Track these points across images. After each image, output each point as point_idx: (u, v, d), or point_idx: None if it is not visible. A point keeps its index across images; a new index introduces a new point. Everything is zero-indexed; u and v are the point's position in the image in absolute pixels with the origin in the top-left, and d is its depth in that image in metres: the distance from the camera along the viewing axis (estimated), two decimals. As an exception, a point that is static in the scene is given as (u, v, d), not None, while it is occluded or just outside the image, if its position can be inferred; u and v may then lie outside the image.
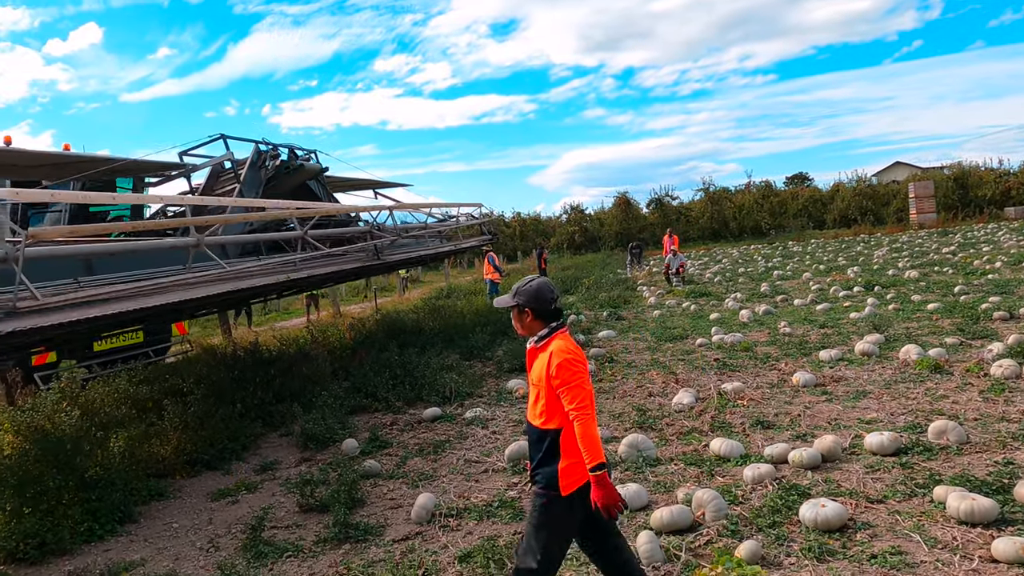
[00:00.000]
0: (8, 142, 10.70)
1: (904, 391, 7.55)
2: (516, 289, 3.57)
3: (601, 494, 3.21)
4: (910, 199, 40.46)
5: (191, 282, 7.12)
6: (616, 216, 49.26)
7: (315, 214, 9.97)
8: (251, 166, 10.76)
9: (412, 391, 9.35)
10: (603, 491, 3.21)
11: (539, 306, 3.50)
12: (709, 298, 17.23)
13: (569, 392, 3.27)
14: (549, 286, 3.58)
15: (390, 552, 4.98)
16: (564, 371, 3.29)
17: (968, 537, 4.33)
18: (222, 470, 7.29)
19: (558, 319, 3.55)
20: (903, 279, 16.67)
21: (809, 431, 6.57)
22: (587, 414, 3.24)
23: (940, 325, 10.79)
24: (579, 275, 25.84)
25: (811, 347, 10.16)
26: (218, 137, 11.14)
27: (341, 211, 12.23)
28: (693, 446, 6.52)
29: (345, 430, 8.07)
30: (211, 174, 11.13)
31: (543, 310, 3.51)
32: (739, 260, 28.78)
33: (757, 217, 46.86)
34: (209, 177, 11.15)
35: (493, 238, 18.77)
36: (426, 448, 7.27)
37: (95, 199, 8.86)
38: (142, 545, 5.61)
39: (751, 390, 8.16)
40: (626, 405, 8.10)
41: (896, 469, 5.49)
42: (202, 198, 9.61)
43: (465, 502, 5.71)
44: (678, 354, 10.74)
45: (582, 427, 3.22)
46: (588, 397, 3.28)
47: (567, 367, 3.30)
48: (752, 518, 4.87)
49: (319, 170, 12.69)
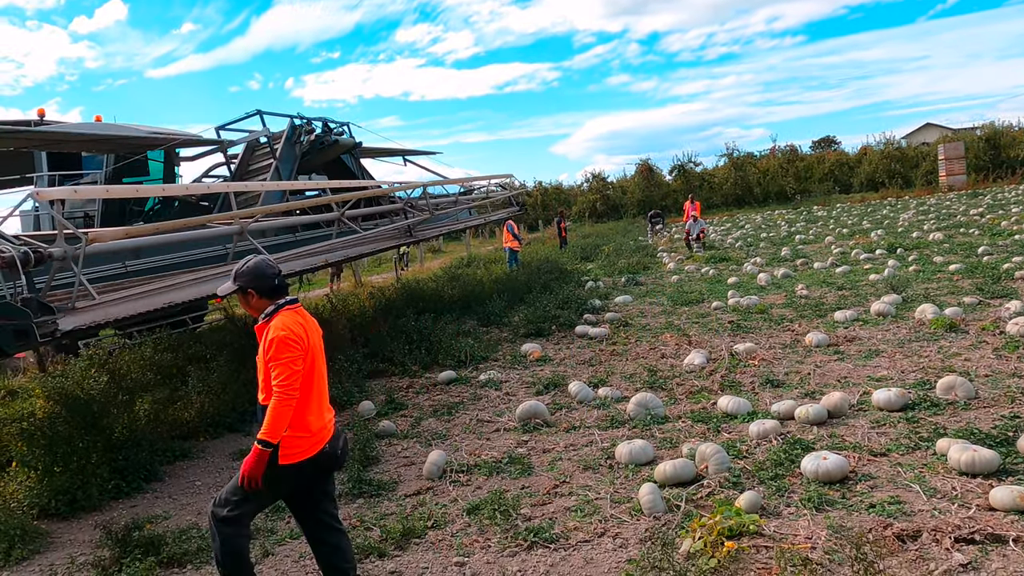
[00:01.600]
0: (42, 115, 11.07)
1: (917, 350, 7.54)
2: (235, 272, 3.59)
3: (252, 464, 3.30)
4: (939, 161, 39.53)
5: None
6: (638, 184, 48.77)
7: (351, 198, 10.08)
8: (287, 141, 10.94)
9: (428, 355, 9.51)
10: (255, 463, 3.30)
11: (260, 284, 3.52)
12: (728, 263, 17.15)
13: (277, 367, 3.32)
14: (267, 262, 3.60)
15: (401, 505, 5.15)
16: (275, 347, 3.34)
17: (968, 487, 4.37)
18: (243, 432, 7.52)
19: (283, 295, 3.57)
20: (927, 241, 16.43)
21: (818, 389, 6.60)
22: (287, 393, 3.28)
23: (960, 285, 10.68)
24: (599, 243, 25.78)
25: (827, 308, 10.12)
26: (255, 113, 11.41)
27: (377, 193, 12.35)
28: (702, 404, 6.59)
29: (362, 393, 8.26)
30: (247, 148, 11.34)
31: (264, 287, 3.52)
32: (762, 226, 28.48)
33: (782, 182, 46.14)
34: (245, 151, 11.36)
35: (521, 209, 18.86)
36: (440, 409, 7.43)
37: (172, 191, 9.19)
38: (167, 501, 5.85)
39: (763, 351, 8.19)
40: (638, 366, 8.18)
41: (902, 424, 5.52)
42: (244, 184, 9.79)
43: (476, 459, 5.85)
44: (693, 317, 10.77)
45: (277, 403, 3.27)
46: (293, 376, 3.31)
47: (278, 344, 3.34)
48: (755, 471, 4.95)
49: (353, 144, 12.91)
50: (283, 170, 10.69)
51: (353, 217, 10.10)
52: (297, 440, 3.40)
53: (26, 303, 4.70)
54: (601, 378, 7.88)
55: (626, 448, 5.44)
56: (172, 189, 9.84)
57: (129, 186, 10.00)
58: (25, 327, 4.65)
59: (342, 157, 12.87)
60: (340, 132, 12.50)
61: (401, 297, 14.38)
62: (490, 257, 25.81)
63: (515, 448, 6.03)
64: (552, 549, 4.26)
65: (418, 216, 11.74)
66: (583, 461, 5.54)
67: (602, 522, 4.52)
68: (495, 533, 4.52)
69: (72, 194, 7.11)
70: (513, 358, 9.32)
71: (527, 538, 4.36)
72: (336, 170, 13.34)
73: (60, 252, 5.03)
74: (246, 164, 11.25)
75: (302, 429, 3.41)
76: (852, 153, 48.90)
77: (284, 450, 3.36)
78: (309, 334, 3.49)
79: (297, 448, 3.40)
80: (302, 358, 3.38)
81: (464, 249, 34.07)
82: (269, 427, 3.27)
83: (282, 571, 4.40)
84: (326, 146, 12.06)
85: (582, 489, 5.05)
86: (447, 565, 4.21)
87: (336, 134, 12.30)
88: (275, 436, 3.28)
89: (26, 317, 4.64)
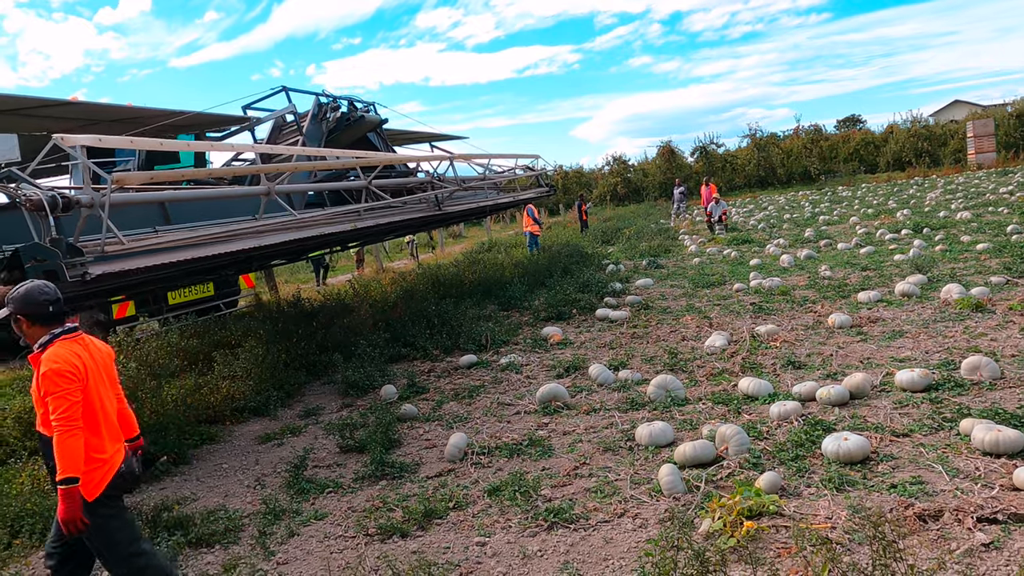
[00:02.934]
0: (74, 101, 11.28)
1: (942, 330, 7.45)
2: (7, 298, 3.38)
3: (63, 508, 3.17)
4: (968, 139, 38.73)
5: (261, 230, 7.29)
6: (660, 166, 48.38)
7: (378, 163, 10.07)
8: (312, 118, 10.96)
9: (449, 340, 9.57)
10: (66, 505, 3.17)
11: (32, 310, 3.34)
12: (751, 245, 17.00)
13: (53, 402, 3.20)
14: (41, 288, 3.40)
15: (423, 487, 5.22)
16: (47, 382, 3.22)
17: (991, 467, 4.34)
18: (268, 416, 7.63)
19: (59, 323, 3.40)
20: (954, 220, 16.16)
21: (840, 370, 6.55)
22: (68, 425, 3.17)
23: (987, 264, 10.51)
24: (620, 226, 25.66)
25: (851, 289, 10.02)
26: (280, 89, 11.34)
27: (403, 160, 12.33)
28: (722, 386, 6.58)
29: (384, 377, 8.34)
30: (273, 127, 11.41)
31: (38, 314, 3.35)
32: (785, 207, 28.16)
33: (806, 162, 45.51)
34: (272, 130, 11.43)
35: (551, 191, 18.85)
36: (461, 393, 7.48)
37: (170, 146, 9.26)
38: (194, 484, 5.97)
39: (785, 332, 8.14)
40: (658, 349, 8.17)
41: (925, 404, 5.48)
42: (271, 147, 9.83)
43: (496, 441, 5.90)
44: (714, 299, 10.71)
45: (60, 438, 3.16)
46: (72, 408, 3.20)
47: (49, 378, 3.21)
48: (775, 452, 4.94)
49: (379, 122, 12.86)
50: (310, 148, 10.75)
51: (382, 188, 10.11)
52: (93, 471, 3.33)
53: (55, 243, 4.62)
54: (621, 361, 7.89)
55: (646, 430, 5.45)
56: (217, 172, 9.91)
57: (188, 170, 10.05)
58: (54, 267, 4.57)
59: (368, 136, 12.89)
60: (366, 110, 12.47)
61: (422, 282, 14.45)
62: (511, 241, 25.81)
63: (535, 430, 6.07)
64: (572, 529, 4.30)
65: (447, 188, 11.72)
66: (603, 443, 5.57)
67: (622, 503, 4.55)
68: (515, 514, 4.57)
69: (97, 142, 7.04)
70: (534, 342, 9.35)
71: (547, 518, 4.41)
72: (363, 148, 13.35)
73: (87, 198, 4.93)
74: (273, 142, 11.30)
75: (94, 460, 3.33)
76: (878, 132, 48.06)
77: (84, 488, 3.26)
78: (87, 364, 3.37)
79: (95, 478, 3.33)
80: (79, 388, 3.27)
81: (485, 234, 34.08)
82: (64, 464, 3.15)
83: (307, 551, 4.49)
84: (352, 124, 12.03)
85: (602, 470, 5.08)
86: (468, 545, 4.27)
87: (362, 111, 12.32)
88: (75, 470, 3.18)
89: (55, 257, 4.57)
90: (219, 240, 6.57)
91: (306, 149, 9.64)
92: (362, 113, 12.20)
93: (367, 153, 10.82)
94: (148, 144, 8.74)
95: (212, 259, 6.29)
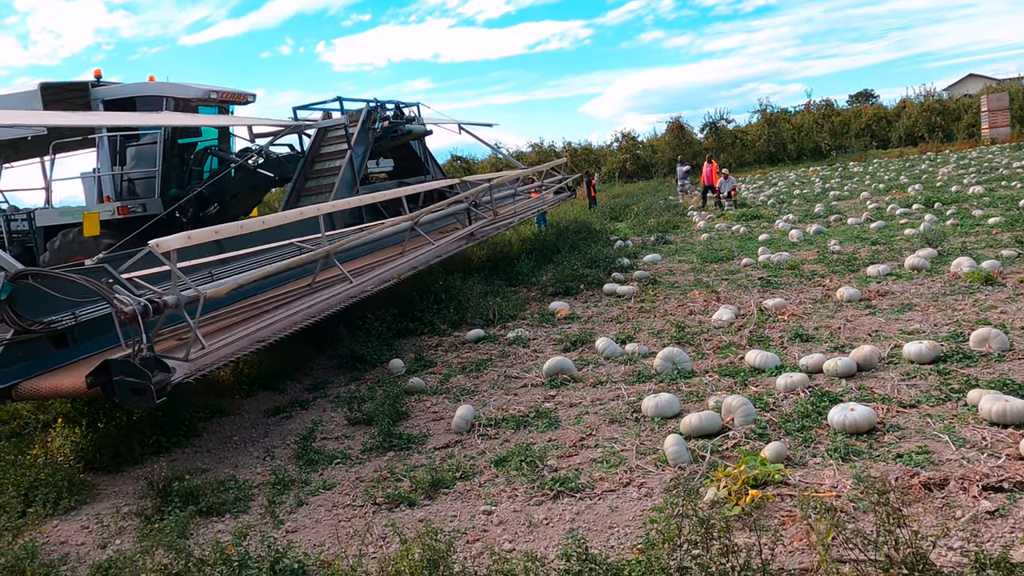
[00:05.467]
0: (98, 75, 11.47)
1: (951, 303, 7.40)
2: None
3: None
4: (982, 113, 38.20)
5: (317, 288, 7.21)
6: (669, 142, 47.95)
7: (424, 213, 10.12)
8: (362, 127, 11.10)
9: (457, 315, 9.57)
10: None
11: None
12: (760, 220, 16.89)
13: None
14: None
15: (431, 458, 5.26)
16: None
17: (998, 437, 4.33)
18: (277, 390, 7.68)
19: None
20: (966, 195, 15.99)
21: (848, 343, 6.53)
22: None
23: (999, 238, 10.42)
24: (629, 202, 25.54)
25: (860, 263, 9.96)
26: (334, 99, 11.92)
27: (453, 196, 12.36)
28: (729, 359, 6.58)
29: (392, 351, 8.36)
30: (319, 131, 11.56)
31: None
32: (795, 183, 27.90)
33: (817, 138, 44.99)
34: (317, 133, 11.54)
35: (572, 195, 19.20)
36: (469, 366, 7.51)
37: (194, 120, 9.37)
38: (205, 455, 6.03)
39: (793, 306, 8.11)
40: (665, 323, 8.16)
41: (933, 376, 5.47)
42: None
43: (503, 414, 5.93)
44: (722, 274, 10.68)
45: None
46: None
47: None
48: (781, 423, 4.95)
49: (423, 133, 13.28)
50: (356, 155, 10.91)
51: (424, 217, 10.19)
52: None
53: (145, 362, 4.59)
54: (628, 335, 7.89)
55: (652, 401, 5.47)
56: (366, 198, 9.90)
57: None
58: (143, 387, 4.60)
59: (410, 143, 13.18)
60: (412, 117, 12.87)
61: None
62: (519, 218, 25.71)
63: (542, 403, 6.09)
64: (578, 498, 4.33)
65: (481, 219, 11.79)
66: (609, 415, 5.59)
67: (627, 472, 4.57)
68: (522, 483, 4.60)
69: (171, 119, 6.74)
70: (541, 316, 9.35)
71: (553, 488, 4.44)
72: (404, 155, 13.65)
73: (173, 300, 5.00)
74: (318, 146, 11.44)
75: None
76: (890, 107, 47.45)
77: None
78: None
79: None
80: None
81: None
82: None
83: (316, 519, 4.54)
84: (400, 136, 12.40)
85: (608, 441, 5.10)
86: (475, 513, 4.31)
87: (407, 119, 12.64)
88: None
89: (145, 377, 4.57)
90: (295, 304, 6.56)
91: (377, 196, 9.82)
92: (411, 127, 12.58)
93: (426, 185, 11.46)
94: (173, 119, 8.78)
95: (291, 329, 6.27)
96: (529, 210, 14.78)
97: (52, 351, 5.49)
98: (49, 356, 5.44)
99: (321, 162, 11.28)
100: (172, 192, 11.33)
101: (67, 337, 5.57)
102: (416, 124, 12.98)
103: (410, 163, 13.79)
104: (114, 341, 5.41)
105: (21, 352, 5.26)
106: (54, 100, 10.72)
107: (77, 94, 11.24)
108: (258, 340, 5.84)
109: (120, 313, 4.69)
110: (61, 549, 4.53)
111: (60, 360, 5.47)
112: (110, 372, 4.67)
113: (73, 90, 11.25)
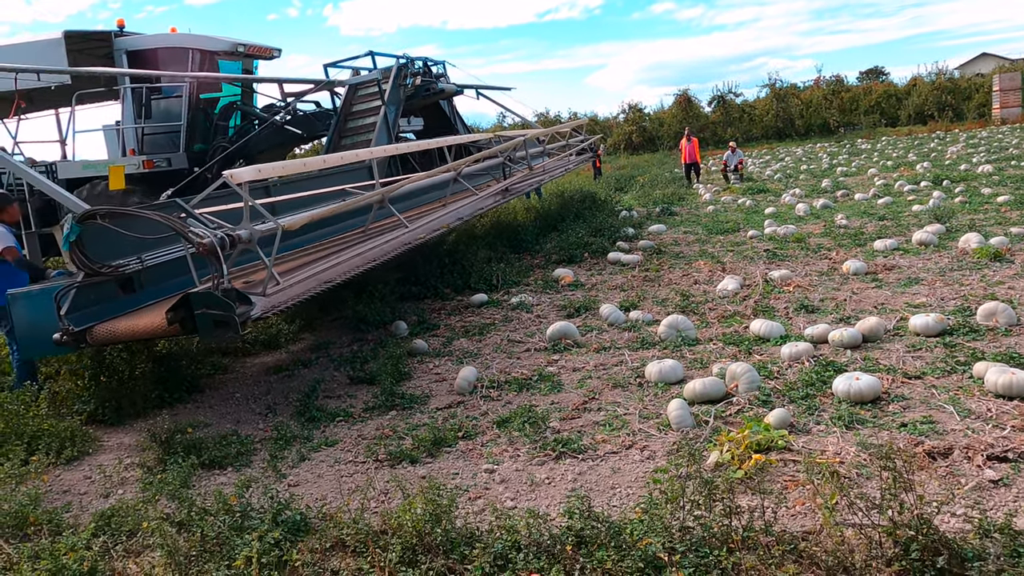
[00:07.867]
0: (121, 25, 11.40)
1: (959, 278, 7.36)
2: None
3: None
4: (993, 92, 37.78)
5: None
6: (676, 115, 47.51)
7: (469, 161, 10.27)
8: (394, 83, 10.99)
9: (461, 280, 9.54)
10: None
11: None
12: (766, 194, 16.78)
13: None
14: None
15: (433, 417, 5.26)
16: None
17: (1003, 409, 4.32)
18: (280, 349, 7.68)
19: None
20: (975, 174, 15.86)
21: (854, 315, 6.50)
22: None
23: (1007, 216, 10.34)
24: (634, 174, 25.38)
25: (867, 238, 9.90)
26: (367, 54, 11.64)
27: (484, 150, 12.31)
28: (734, 328, 6.55)
29: (395, 314, 8.33)
30: (350, 88, 11.45)
31: None
32: (803, 158, 27.70)
33: (825, 114, 44.55)
34: (348, 91, 11.41)
35: (593, 154, 19.27)
36: (472, 330, 7.49)
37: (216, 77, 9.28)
38: (207, 411, 6.04)
39: (799, 278, 8.07)
40: (670, 291, 8.13)
41: (939, 348, 5.44)
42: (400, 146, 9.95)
43: (506, 376, 5.92)
44: (728, 246, 10.62)
45: None
46: None
47: None
48: (785, 391, 4.93)
49: (454, 92, 13.12)
50: (389, 112, 10.81)
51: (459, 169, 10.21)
52: None
53: (227, 294, 4.55)
54: (633, 302, 7.86)
55: (656, 367, 5.45)
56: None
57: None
58: (227, 319, 4.52)
59: (440, 102, 13.06)
60: (441, 74, 12.69)
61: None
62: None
63: (545, 367, 6.08)
64: (580, 459, 4.33)
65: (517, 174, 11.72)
66: (612, 379, 5.58)
67: (630, 436, 4.57)
68: (524, 444, 4.60)
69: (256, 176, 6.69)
70: (545, 283, 9.32)
71: (555, 448, 4.44)
72: (433, 114, 13.50)
73: (247, 235, 4.93)
74: (350, 104, 11.31)
75: None
76: (901, 85, 46.91)
77: None
78: None
79: None
80: None
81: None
82: None
83: (318, 474, 4.55)
84: (432, 94, 12.25)
85: (611, 405, 5.10)
86: (477, 471, 4.31)
87: (438, 76, 12.49)
88: None
89: (229, 309, 4.50)
90: (363, 246, 6.65)
91: (422, 143, 10.07)
92: (443, 85, 12.44)
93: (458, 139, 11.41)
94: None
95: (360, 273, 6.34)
96: (558, 168, 14.76)
97: (120, 296, 5.43)
98: (118, 301, 5.39)
99: (354, 119, 11.20)
100: (197, 147, 11.22)
101: (134, 282, 5.51)
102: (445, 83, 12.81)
103: (439, 123, 13.64)
104: (178, 287, 5.35)
105: (93, 295, 5.21)
106: (76, 50, 10.59)
107: (100, 44, 11.12)
108: (324, 281, 5.79)
109: (199, 246, 4.62)
110: (64, 497, 4.55)
111: (129, 305, 5.41)
112: (191, 307, 4.61)
113: (96, 39, 11.12)
